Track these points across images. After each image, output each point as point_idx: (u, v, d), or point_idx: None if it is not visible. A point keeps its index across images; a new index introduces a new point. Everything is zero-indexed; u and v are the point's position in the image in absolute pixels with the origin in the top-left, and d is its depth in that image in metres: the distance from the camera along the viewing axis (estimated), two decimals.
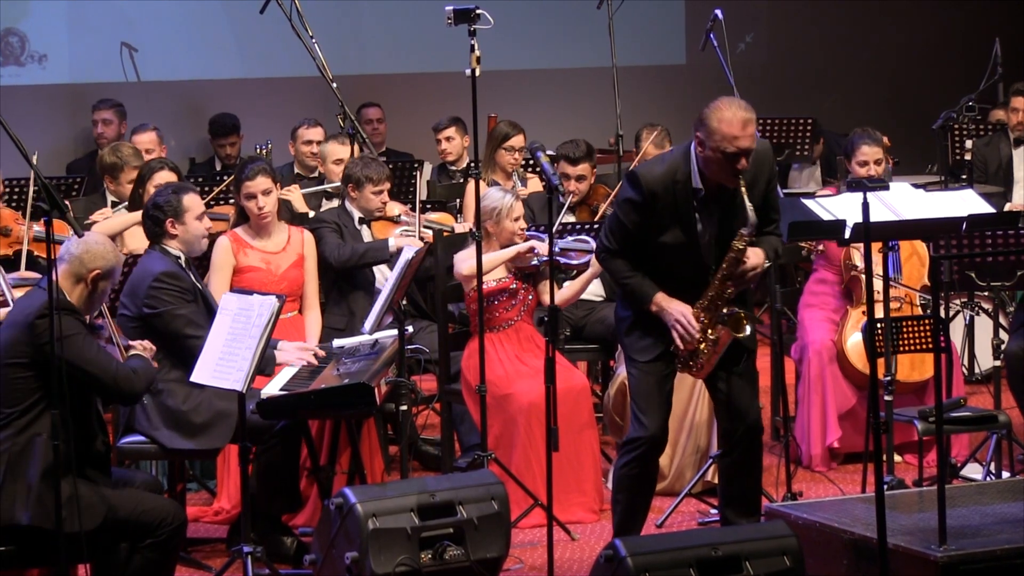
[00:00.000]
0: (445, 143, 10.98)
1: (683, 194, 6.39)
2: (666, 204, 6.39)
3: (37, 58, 12.10)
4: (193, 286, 7.22)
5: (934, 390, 6.24)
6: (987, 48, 11.16)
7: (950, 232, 7.71)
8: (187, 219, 7.25)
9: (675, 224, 6.42)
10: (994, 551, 6.02)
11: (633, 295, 6.52)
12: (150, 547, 6.16)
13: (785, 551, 6.00)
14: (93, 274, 6.19)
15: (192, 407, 7.09)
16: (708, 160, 6.32)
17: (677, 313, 6.43)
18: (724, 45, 9.34)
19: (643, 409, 6.54)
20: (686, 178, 6.40)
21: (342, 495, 6.41)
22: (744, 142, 6.26)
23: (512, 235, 7.94)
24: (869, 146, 8.41)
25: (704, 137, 6.30)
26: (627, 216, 6.45)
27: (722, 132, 6.25)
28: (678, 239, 6.43)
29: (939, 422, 6.24)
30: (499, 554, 6.54)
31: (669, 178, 6.40)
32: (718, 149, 6.27)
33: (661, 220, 6.41)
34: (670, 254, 6.46)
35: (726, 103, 6.32)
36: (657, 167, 6.48)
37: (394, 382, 7.18)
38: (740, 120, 6.26)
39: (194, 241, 7.30)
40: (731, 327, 6.44)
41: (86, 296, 6.21)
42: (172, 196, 7.26)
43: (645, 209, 6.40)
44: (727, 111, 6.27)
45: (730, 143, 6.26)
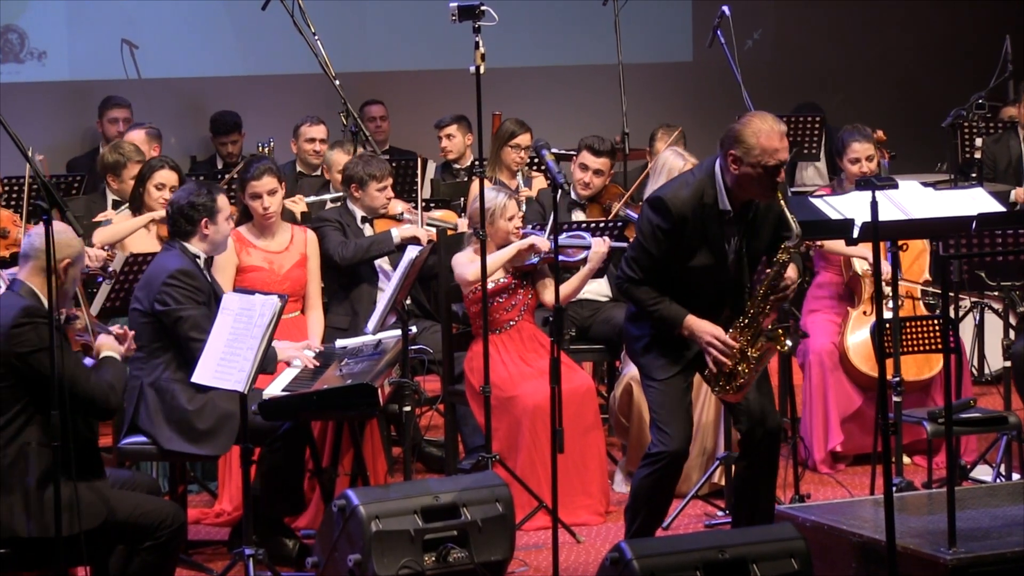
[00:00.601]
0: (446, 141, 10.94)
1: (711, 216, 6.36)
2: (695, 228, 6.36)
3: (37, 55, 12.08)
4: (208, 287, 7.19)
5: (943, 391, 6.20)
6: (997, 45, 11.13)
7: (960, 231, 7.66)
8: (219, 220, 7.24)
9: (704, 247, 6.39)
10: (1004, 554, 6.00)
11: (663, 321, 6.46)
12: (149, 549, 6.12)
13: (793, 554, 5.99)
14: (64, 263, 6.11)
15: (196, 408, 7.06)
16: (745, 177, 6.29)
17: (709, 335, 6.39)
18: (731, 42, 9.30)
19: (666, 422, 6.48)
20: (713, 200, 6.37)
21: (345, 497, 6.41)
22: (783, 154, 6.27)
23: (507, 235, 7.90)
24: (860, 143, 8.39)
25: (742, 154, 6.26)
26: (655, 245, 6.39)
27: (762, 146, 6.24)
28: (707, 261, 6.40)
29: (948, 423, 6.21)
30: (503, 557, 6.54)
31: (696, 201, 6.36)
32: (759, 164, 6.25)
33: (690, 244, 6.38)
34: (698, 276, 6.43)
35: (759, 117, 6.32)
36: (683, 191, 6.42)
37: (397, 383, 7.17)
38: (778, 132, 6.27)
39: (222, 242, 7.31)
40: (774, 342, 6.40)
41: (57, 288, 6.12)
42: (207, 197, 7.22)
43: (673, 236, 6.36)
44: (763, 124, 6.27)
45: (771, 156, 6.25)
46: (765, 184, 6.28)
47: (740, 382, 6.43)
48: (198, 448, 7.06)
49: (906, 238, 7.28)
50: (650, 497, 6.56)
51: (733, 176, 6.31)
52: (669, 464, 6.49)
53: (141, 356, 7.09)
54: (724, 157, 6.32)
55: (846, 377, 8.46)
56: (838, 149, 8.50)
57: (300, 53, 9.77)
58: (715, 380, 6.46)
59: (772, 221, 6.44)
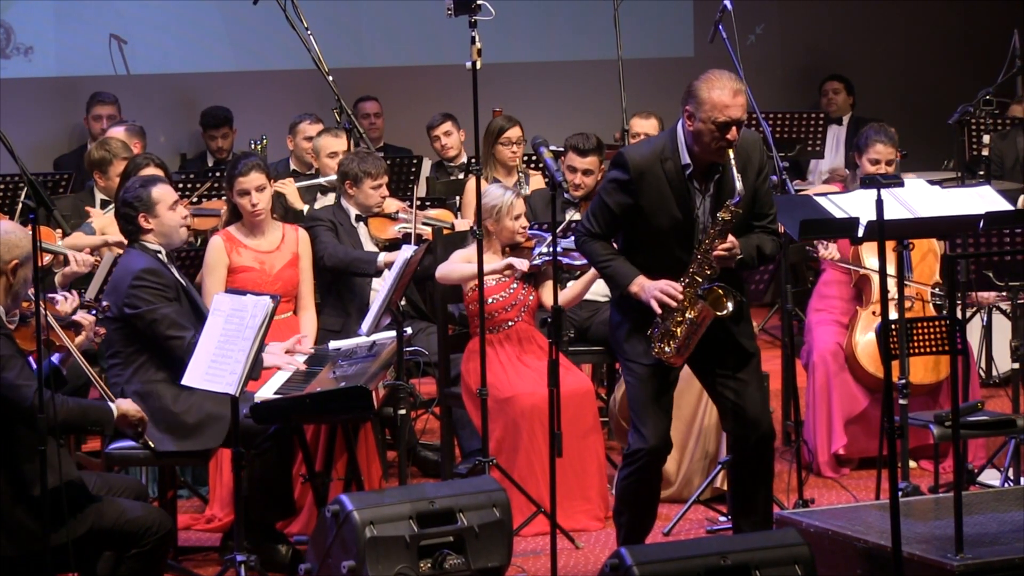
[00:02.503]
0: (444, 139, 10.89)
1: (673, 172, 6.36)
2: (655, 183, 6.35)
3: (23, 50, 12.05)
4: (175, 282, 7.17)
5: (950, 393, 6.15)
6: (1005, 40, 11.06)
7: (967, 230, 7.61)
8: (159, 211, 7.17)
9: (666, 206, 6.35)
10: (1012, 560, 5.98)
11: (612, 279, 6.46)
12: (135, 557, 6.06)
13: (796, 560, 5.94)
14: (12, 264, 6.00)
15: (183, 409, 7.03)
16: (698, 134, 6.30)
17: (659, 284, 6.32)
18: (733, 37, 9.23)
19: (641, 419, 6.46)
20: (674, 155, 6.37)
21: (338, 502, 6.37)
22: (735, 111, 6.25)
23: (513, 234, 7.88)
24: (884, 145, 8.39)
25: (694, 109, 6.29)
26: (613, 197, 6.40)
27: (712, 101, 6.25)
28: (673, 220, 6.36)
29: (956, 427, 6.20)
30: (501, 563, 6.50)
31: (656, 156, 6.38)
32: (709, 119, 6.25)
33: (651, 202, 6.35)
34: (665, 238, 6.39)
35: (716, 74, 6.35)
36: (644, 147, 6.52)
37: (392, 385, 7.14)
38: (731, 89, 6.28)
39: (171, 232, 7.22)
40: (711, 304, 6.34)
41: (7, 289, 6.02)
42: (140, 190, 7.20)
43: (632, 189, 6.35)
44: (717, 81, 6.30)
45: (721, 112, 6.24)
46: (716, 140, 6.26)
47: (676, 344, 6.36)
48: (186, 444, 7.01)
49: (912, 237, 7.22)
50: (633, 497, 6.53)
51: (689, 133, 6.33)
52: (648, 462, 6.45)
53: (118, 362, 7.09)
54: (682, 113, 6.36)
55: (852, 378, 8.42)
56: (859, 145, 8.46)
57: (293, 48, 9.76)
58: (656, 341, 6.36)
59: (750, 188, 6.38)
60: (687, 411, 7.80)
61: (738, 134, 6.27)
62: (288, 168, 10.59)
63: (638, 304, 6.40)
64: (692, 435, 7.92)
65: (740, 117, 6.26)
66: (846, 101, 12.54)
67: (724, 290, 6.35)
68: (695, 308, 6.33)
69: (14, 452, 5.84)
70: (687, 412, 7.80)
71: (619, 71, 10.55)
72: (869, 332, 8.32)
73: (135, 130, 9.87)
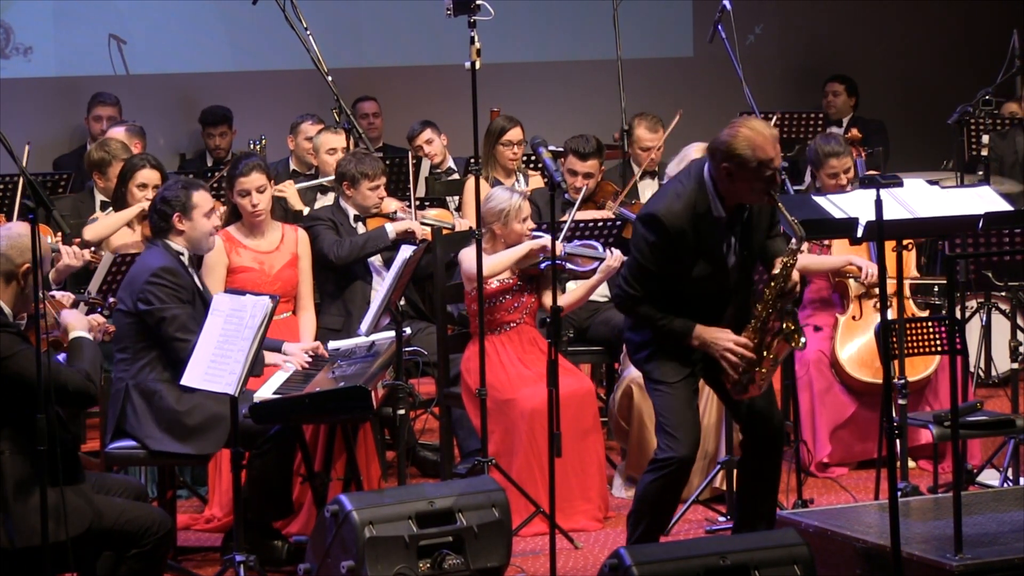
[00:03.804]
0: (427, 147, 10.84)
1: (706, 225, 6.32)
2: (692, 238, 6.32)
3: (22, 51, 12.03)
4: (191, 285, 7.17)
5: (946, 393, 6.14)
6: (1004, 40, 11.05)
7: (966, 230, 7.59)
8: (195, 215, 7.21)
9: (702, 256, 6.34)
10: (1012, 560, 5.97)
11: (672, 335, 6.42)
12: (135, 557, 6.05)
13: (796, 560, 5.94)
14: (24, 267, 6.00)
15: (186, 409, 7.02)
16: (741, 187, 6.24)
17: (725, 341, 6.35)
18: (732, 37, 9.24)
19: (675, 427, 6.44)
20: (706, 209, 6.32)
21: (338, 502, 6.36)
22: (778, 160, 6.22)
23: (520, 237, 7.86)
24: (838, 158, 8.37)
25: (736, 167, 6.19)
26: (654, 262, 6.35)
27: (759, 159, 6.18)
28: (707, 269, 6.36)
29: (955, 427, 6.18)
30: (500, 563, 6.50)
31: (690, 212, 6.31)
32: (757, 176, 6.19)
33: (688, 255, 6.33)
34: (699, 285, 6.39)
35: (747, 126, 6.23)
36: (676, 205, 6.35)
37: (391, 385, 7.10)
38: (771, 140, 6.21)
39: (201, 239, 7.26)
40: (788, 340, 6.38)
41: (18, 293, 6.01)
42: (181, 191, 7.22)
43: (670, 251, 6.32)
44: (756, 136, 6.19)
45: (767, 167, 6.20)
46: (760, 191, 6.24)
47: (760, 384, 6.42)
48: (188, 447, 7.00)
49: (912, 237, 7.22)
50: (656, 503, 6.51)
51: (727, 186, 6.27)
52: (677, 470, 6.44)
53: (126, 357, 7.08)
54: (716, 168, 6.26)
55: (838, 384, 8.41)
56: (811, 159, 8.43)
57: (292, 48, 9.72)
58: (734, 386, 6.42)
59: (766, 216, 6.41)
60: None
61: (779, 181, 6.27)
62: (288, 168, 10.57)
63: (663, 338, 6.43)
64: None
65: (780, 165, 6.24)
66: (847, 103, 12.53)
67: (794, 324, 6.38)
68: (773, 348, 6.37)
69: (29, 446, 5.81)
70: None
71: (618, 71, 10.53)
72: (850, 339, 8.32)
73: (135, 130, 9.86)
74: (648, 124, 9.91)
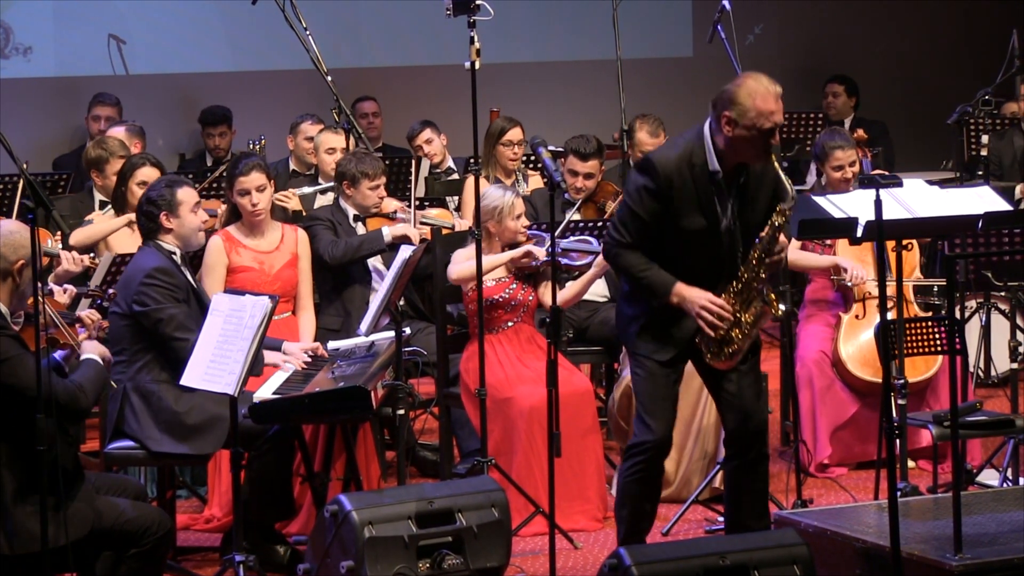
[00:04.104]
0: (427, 147, 10.85)
1: (701, 177, 6.29)
2: (683, 189, 6.28)
3: (22, 51, 12.03)
4: (186, 284, 7.16)
5: (946, 393, 6.13)
6: (1004, 40, 11.04)
7: (966, 230, 7.59)
8: (181, 212, 7.19)
9: (694, 210, 6.30)
10: (1011, 560, 5.97)
11: (651, 288, 6.37)
12: (135, 557, 6.04)
13: (795, 560, 5.93)
14: (19, 264, 5.98)
15: (185, 409, 7.01)
16: (738, 140, 6.23)
17: (702, 299, 6.29)
18: (732, 37, 9.23)
19: (650, 411, 6.42)
20: (702, 161, 6.30)
21: (337, 502, 6.35)
22: (779, 116, 6.22)
23: (514, 234, 7.84)
24: (843, 150, 8.37)
25: (736, 116, 6.20)
26: (642, 205, 6.32)
27: (758, 108, 6.19)
28: (699, 225, 6.30)
29: (954, 427, 6.17)
30: (499, 563, 6.49)
31: (684, 161, 6.30)
32: (754, 127, 6.19)
33: (679, 206, 6.29)
34: (690, 242, 6.33)
35: (753, 78, 6.26)
36: (671, 151, 6.37)
37: (391, 385, 7.10)
38: (773, 94, 6.22)
39: (190, 235, 7.23)
40: (769, 306, 6.32)
41: (13, 290, 6.00)
42: (165, 189, 7.22)
43: (661, 196, 6.28)
44: (758, 86, 6.22)
45: (767, 119, 6.19)
46: (759, 147, 6.23)
47: (734, 348, 6.35)
48: (188, 447, 6.99)
49: (911, 237, 7.21)
50: (637, 491, 6.49)
51: (726, 138, 6.26)
52: (653, 455, 6.43)
53: (123, 359, 7.07)
54: (717, 119, 6.27)
55: (840, 384, 8.39)
56: (817, 154, 8.42)
57: (292, 48, 9.72)
58: (708, 347, 6.36)
59: (768, 187, 6.35)
60: (686, 411, 7.78)
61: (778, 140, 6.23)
62: (287, 168, 10.57)
63: (651, 299, 6.37)
64: (691, 435, 7.89)
65: (781, 121, 6.23)
66: (847, 104, 12.52)
67: (776, 294, 6.33)
68: (751, 312, 6.32)
69: (23, 451, 5.80)
70: (686, 412, 7.77)
71: (618, 71, 10.51)
72: (853, 338, 8.30)
73: (135, 130, 9.85)
74: (650, 128, 9.90)
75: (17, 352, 5.86)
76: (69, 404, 5.89)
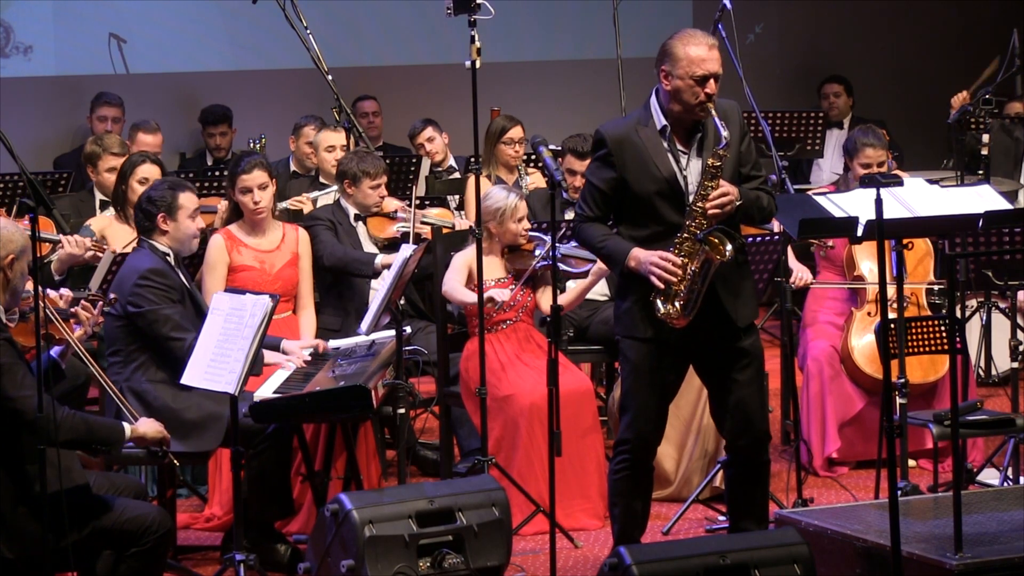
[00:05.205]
0: (428, 145, 10.86)
1: (649, 136, 6.36)
2: (633, 151, 6.35)
3: (22, 49, 12.00)
4: (180, 285, 7.16)
5: (950, 393, 6.12)
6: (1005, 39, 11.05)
7: (966, 229, 7.58)
8: (179, 216, 7.20)
9: (650, 169, 6.33)
10: (1012, 559, 5.96)
11: (611, 257, 6.41)
12: (135, 556, 6.04)
13: (795, 559, 5.92)
14: (9, 259, 5.97)
15: (182, 406, 7.02)
16: (677, 91, 6.29)
17: (652, 256, 6.29)
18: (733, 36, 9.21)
19: (633, 407, 6.42)
20: (649, 121, 6.38)
21: (338, 501, 6.34)
22: (711, 64, 6.27)
23: (515, 236, 7.85)
24: (874, 149, 8.42)
25: (670, 67, 6.30)
26: (597, 174, 6.41)
27: (689, 57, 6.26)
28: (658, 183, 6.33)
29: (955, 426, 6.17)
30: (500, 562, 6.48)
31: (630, 126, 6.40)
32: (687, 75, 6.27)
33: (633, 168, 6.34)
34: (655, 204, 6.35)
35: (689, 31, 6.38)
36: (620, 120, 6.55)
37: (391, 384, 7.09)
38: (706, 43, 6.30)
39: (184, 240, 7.25)
40: (712, 249, 6.24)
41: (5, 285, 5.98)
42: (167, 191, 7.22)
43: (612, 162, 6.35)
44: (691, 37, 6.33)
45: (699, 66, 6.26)
46: (696, 95, 6.27)
47: (683, 300, 6.30)
48: (185, 444, 6.97)
49: (912, 236, 7.20)
50: (625, 489, 6.48)
51: (666, 93, 6.33)
52: (635, 452, 6.43)
53: (118, 360, 7.09)
54: (657, 75, 6.35)
55: (848, 380, 8.39)
56: (849, 148, 8.46)
57: (292, 47, 9.72)
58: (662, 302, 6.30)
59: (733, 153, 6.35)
60: (686, 410, 7.78)
61: (716, 89, 6.28)
62: (288, 168, 10.57)
63: (640, 287, 6.35)
64: (691, 434, 7.89)
65: (717, 71, 6.28)
66: (847, 104, 12.52)
67: (723, 233, 6.25)
68: (695, 260, 6.28)
69: (17, 454, 5.80)
70: (686, 411, 7.77)
71: (618, 70, 10.53)
72: (865, 333, 8.29)
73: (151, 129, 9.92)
74: None
75: (10, 360, 5.83)
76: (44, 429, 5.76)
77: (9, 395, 5.79)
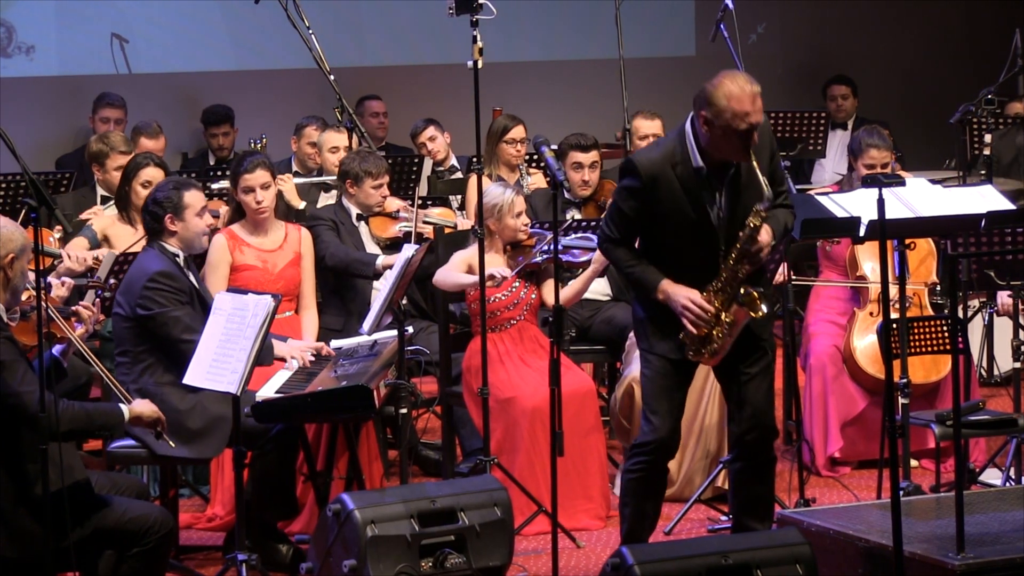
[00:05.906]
0: (430, 144, 10.85)
1: (685, 174, 6.29)
2: (669, 188, 6.29)
3: (25, 49, 12.01)
4: (189, 287, 7.15)
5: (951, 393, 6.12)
6: (1007, 39, 11.04)
7: (968, 229, 7.58)
8: (187, 215, 7.18)
9: (683, 205, 6.29)
10: (1014, 559, 5.95)
11: (638, 284, 6.42)
12: (137, 556, 6.03)
13: (798, 559, 5.93)
14: (8, 258, 5.96)
15: (188, 408, 7.00)
16: (717, 139, 6.21)
17: (684, 298, 6.30)
18: (735, 36, 9.23)
19: (655, 410, 6.43)
20: (684, 159, 6.30)
21: (340, 501, 6.35)
22: (755, 117, 6.17)
23: (514, 232, 7.85)
24: (879, 150, 8.42)
25: (712, 116, 6.19)
26: (626, 203, 6.36)
27: (732, 110, 6.15)
28: (689, 220, 6.30)
29: (957, 426, 6.21)
30: (502, 562, 6.49)
31: (666, 160, 6.31)
32: (729, 128, 6.16)
33: (666, 204, 6.30)
34: (683, 238, 6.34)
35: (730, 78, 6.22)
36: (653, 151, 6.41)
37: (393, 384, 7.13)
38: (749, 95, 6.17)
39: (194, 239, 7.23)
40: (747, 307, 6.30)
41: (5, 284, 5.97)
42: (172, 192, 7.20)
43: (644, 195, 6.30)
44: (734, 87, 6.18)
45: (742, 120, 6.16)
46: (736, 146, 6.21)
47: (714, 347, 6.34)
48: (190, 451, 6.97)
49: (914, 236, 7.21)
50: (639, 490, 6.49)
51: (705, 137, 6.26)
52: (657, 454, 6.43)
53: (126, 360, 7.07)
54: (697, 118, 6.27)
55: (850, 380, 8.39)
56: (853, 149, 8.46)
57: (294, 47, 9.71)
58: (690, 344, 6.36)
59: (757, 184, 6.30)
60: (689, 409, 7.73)
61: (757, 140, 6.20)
62: (290, 168, 10.56)
63: (659, 305, 6.36)
64: (693, 434, 7.87)
65: (759, 121, 6.18)
66: (853, 105, 12.51)
67: (759, 293, 6.30)
68: (731, 312, 6.30)
69: (18, 453, 5.81)
70: (689, 411, 7.72)
71: (621, 70, 10.52)
72: (868, 333, 8.29)
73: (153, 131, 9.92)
74: (645, 114, 9.96)
75: (11, 357, 5.83)
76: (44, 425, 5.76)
77: (11, 391, 5.79)
